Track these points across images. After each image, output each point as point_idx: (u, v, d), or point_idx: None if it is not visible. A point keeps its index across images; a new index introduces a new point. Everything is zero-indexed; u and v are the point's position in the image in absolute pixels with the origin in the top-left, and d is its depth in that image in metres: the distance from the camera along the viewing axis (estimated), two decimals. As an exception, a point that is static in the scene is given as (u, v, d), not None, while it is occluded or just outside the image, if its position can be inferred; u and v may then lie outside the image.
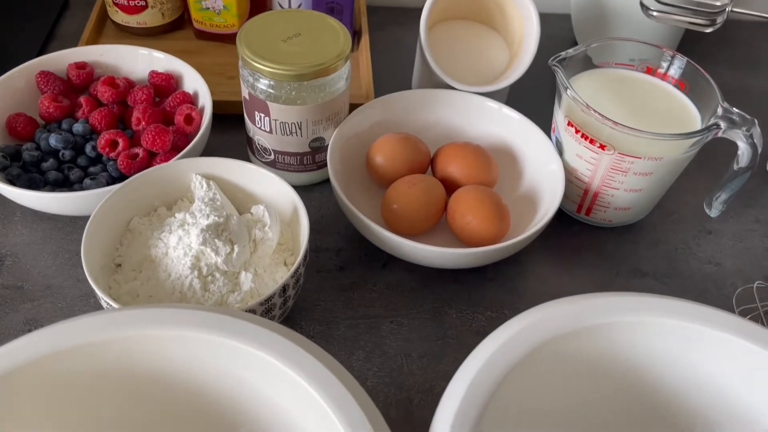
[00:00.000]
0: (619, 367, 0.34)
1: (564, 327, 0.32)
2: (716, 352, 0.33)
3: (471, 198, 0.46)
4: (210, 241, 0.38)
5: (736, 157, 0.46)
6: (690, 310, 0.33)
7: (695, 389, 0.35)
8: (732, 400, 0.34)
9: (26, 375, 0.29)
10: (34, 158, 0.48)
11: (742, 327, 0.33)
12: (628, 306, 0.33)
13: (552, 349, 0.32)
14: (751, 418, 0.34)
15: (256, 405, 0.32)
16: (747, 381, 0.34)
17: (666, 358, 0.34)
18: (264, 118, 0.47)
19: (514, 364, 0.30)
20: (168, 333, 0.30)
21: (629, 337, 0.33)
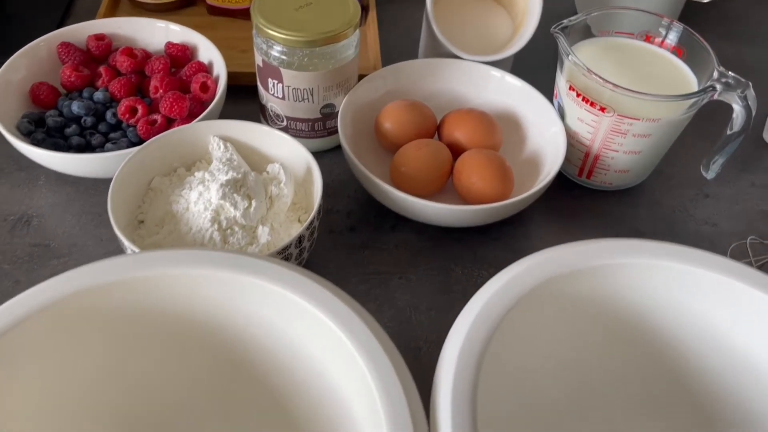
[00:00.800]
0: (615, 308, 0.36)
1: (562, 268, 0.34)
2: (710, 292, 0.35)
3: (476, 160, 0.48)
4: (229, 195, 0.40)
5: (731, 121, 0.47)
6: (684, 252, 0.35)
7: (688, 329, 0.37)
8: (724, 340, 0.36)
9: (60, 310, 0.31)
10: (58, 124, 0.50)
11: (734, 268, 0.35)
12: (623, 249, 0.35)
13: (551, 289, 0.34)
14: (742, 357, 0.36)
15: (272, 341, 0.34)
16: (739, 320, 0.36)
17: (660, 299, 0.36)
18: (277, 84, 0.49)
19: (516, 302, 0.32)
20: (192, 272, 0.32)
21: (624, 278, 0.35)
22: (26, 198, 0.50)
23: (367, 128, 0.53)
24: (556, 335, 0.36)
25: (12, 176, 0.51)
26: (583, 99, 0.47)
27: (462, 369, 0.30)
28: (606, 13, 0.51)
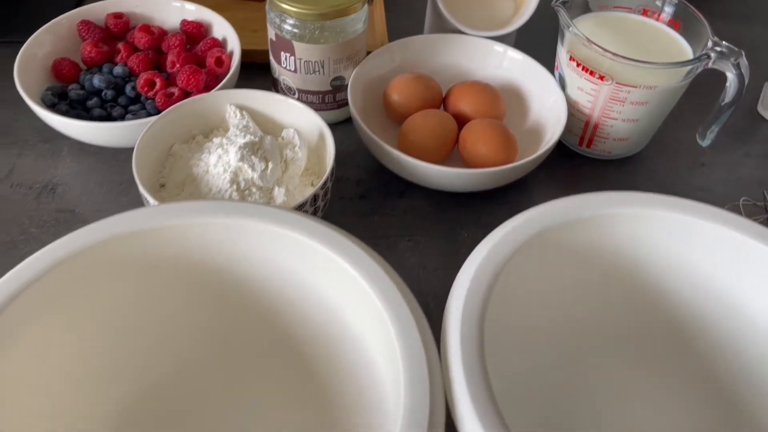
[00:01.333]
0: (613, 258, 0.38)
1: (558, 219, 0.36)
2: (703, 241, 0.37)
3: (481, 128, 0.50)
4: (247, 157, 0.42)
5: (724, 89, 0.50)
6: (676, 202, 0.37)
7: (685, 279, 0.39)
8: (719, 289, 0.38)
9: (92, 257, 0.33)
10: (80, 97, 0.52)
11: (730, 219, 0.37)
12: (618, 200, 0.37)
13: (549, 239, 0.36)
14: (737, 306, 0.38)
15: (291, 288, 0.36)
16: (734, 269, 0.37)
17: (656, 249, 0.38)
18: (289, 57, 0.51)
19: (516, 249, 0.34)
20: (212, 220, 0.34)
21: (620, 228, 0.37)
22: (51, 168, 0.52)
23: (376, 102, 0.55)
24: (556, 284, 0.38)
25: (36, 147, 0.53)
26: (583, 68, 0.49)
27: (469, 305, 0.32)
28: (605, -13, 0.53)
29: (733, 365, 0.39)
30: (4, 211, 0.49)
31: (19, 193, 0.50)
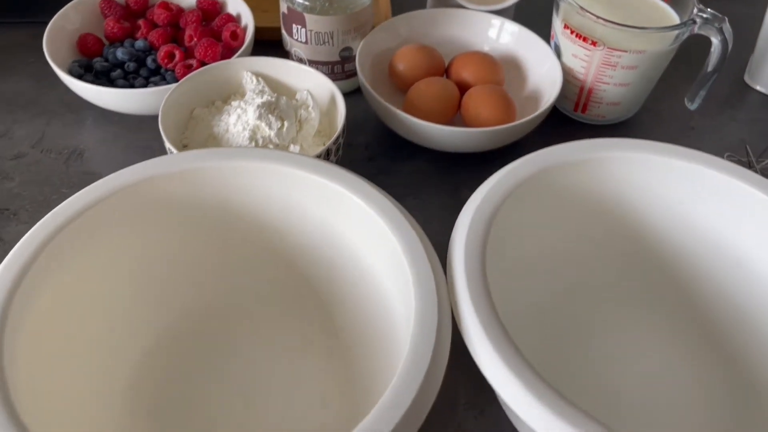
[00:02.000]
0: (608, 201, 0.41)
1: (554, 161, 0.39)
2: (695, 185, 0.40)
3: (482, 93, 0.54)
4: (264, 116, 0.46)
5: (710, 55, 0.53)
6: (667, 148, 0.40)
7: (678, 223, 0.41)
8: (717, 237, 0.41)
9: (127, 196, 0.37)
10: (105, 68, 0.55)
11: (728, 167, 0.39)
12: (611, 144, 0.40)
13: (545, 180, 0.39)
14: (735, 254, 0.41)
15: (309, 228, 0.40)
16: (725, 213, 0.40)
17: (649, 192, 0.41)
18: (300, 29, 0.55)
19: (514, 188, 0.37)
20: (239, 164, 0.37)
21: (614, 171, 0.40)
22: (77, 135, 0.55)
23: (382, 73, 0.58)
24: (553, 225, 0.41)
25: (63, 117, 0.57)
26: (577, 35, 0.53)
27: (471, 238, 0.35)
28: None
29: (723, 306, 0.42)
30: (37, 173, 0.52)
31: (50, 158, 0.53)
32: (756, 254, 0.40)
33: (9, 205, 0.50)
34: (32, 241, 0.33)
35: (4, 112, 0.57)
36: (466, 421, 0.40)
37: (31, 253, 0.33)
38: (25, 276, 0.32)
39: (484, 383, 0.40)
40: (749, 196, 0.39)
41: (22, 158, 0.53)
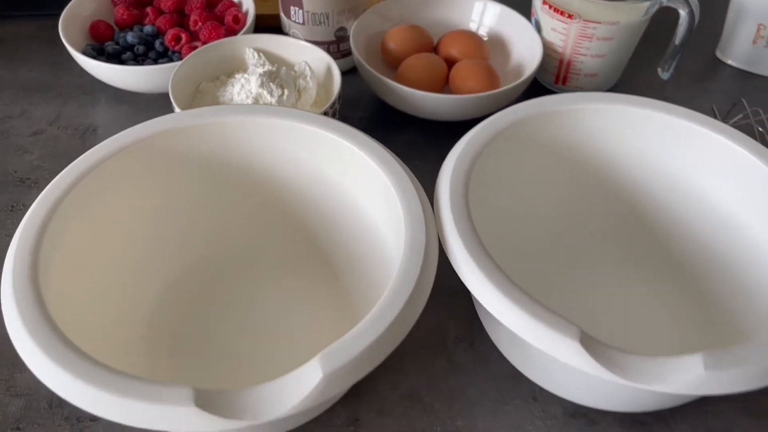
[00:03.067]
0: (587, 152, 0.45)
1: (532, 111, 0.43)
2: (672, 136, 0.43)
3: (468, 66, 0.58)
4: (266, 84, 0.50)
5: (678, 26, 0.57)
6: (645, 101, 0.43)
7: (655, 174, 0.45)
8: (685, 183, 0.44)
9: (142, 149, 0.40)
10: (116, 51, 0.59)
11: (699, 117, 0.43)
12: (589, 97, 0.44)
13: (523, 129, 0.42)
14: (701, 197, 0.44)
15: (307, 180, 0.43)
16: (700, 164, 0.43)
17: (626, 143, 0.44)
18: (298, 11, 0.59)
19: (492, 138, 0.41)
20: (247, 118, 0.41)
21: (592, 122, 0.44)
22: (91, 114, 0.59)
23: (375, 53, 0.62)
24: (533, 174, 0.45)
25: (78, 99, 0.61)
26: (555, 10, 0.57)
27: (455, 178, 0.39)
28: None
29: (692, 246, 0.45)
30: (56, 148, 0.56)
31: (67, 134, 0.57)
32: (721, 197, 0.43)
33: (30, 175, 0.53)
34: (63, 180, 0.37)
35: (21, 96, 0.61)
36: (457, 353, 0.43)
37: (62, 191, 0.36)
38: (57, 210, 0.35)
39: (473, 320, 0.44)
40: (719, 144, 0.42)
41: (40, 135, 0.57)
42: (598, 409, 0.40)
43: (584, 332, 0.31)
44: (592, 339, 0.31)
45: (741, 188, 0.42)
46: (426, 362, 0.43)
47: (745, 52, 0.66)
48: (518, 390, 0.41)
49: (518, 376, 0.42)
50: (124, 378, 0.28)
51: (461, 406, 0.41)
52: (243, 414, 0.28)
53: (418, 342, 0.44)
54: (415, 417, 0.40)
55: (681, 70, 0.66)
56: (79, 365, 0.29)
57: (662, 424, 0.40)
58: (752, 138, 0.42)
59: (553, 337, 0.31)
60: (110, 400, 0.28)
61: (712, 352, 0.30)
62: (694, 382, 0.30)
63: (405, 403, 0.41)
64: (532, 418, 0.40)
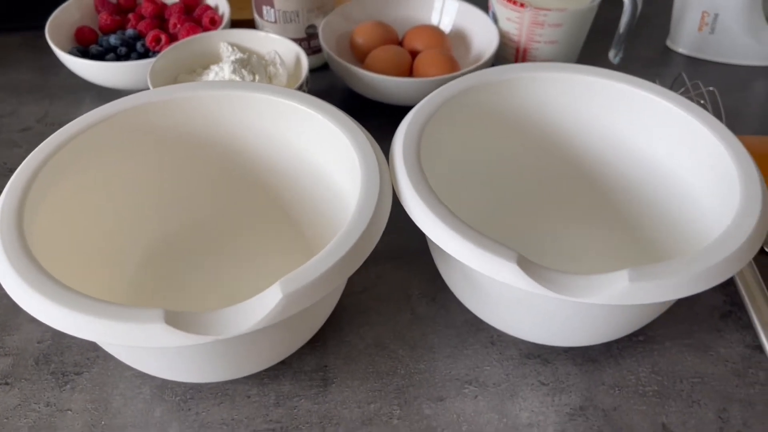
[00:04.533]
0: (531, 118, 0.48)
1: (477, 81, 0.46)
2: (609, 99, 0.46)
3: (430, 55, 0.61)
4: (238, 70, 0.53)
5: (622, 13, 0.61)
6: (587, 68, 0.47)
7: (596, 136, 0.48)
8: (628, 145, 0.47)
9: (110, 125, 0.43)
10: (99, 52, 0.63)
11: (636, 81, 0.46)
12: (532, 67, 0.47)
13: (469, 98, 0.45)
14: (644, 160, 0.47)
15: (276, 150, 0.47)
16: (637, 122, 0.46)
17: (569, 108, 0.47)
18: (270, 10, 0.63)
19: (439, 106, 0.44)
20: (217, 92, 0.45)
21: (535, 90, 0.47)
22: (77, 112, 0.63)
23: (344, 50, 0.66)
24: (481, 139, 0.48)
25: (64, 98, 0.64)
26: (508, 0, 0.61)
27: (407, 146, 0.42)
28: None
29: (628, 193, 0.48)
30: (42, 140, 0.59)
31: (53, 130, 0.60)
32: (657, 152, 0.46)
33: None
34: (45, 148, 0.40)
35: (11, 97, 0.65)
36: (419, 306, 0.46)
37: (44, 157, 0.39)
38: (40, 173, 0.38)
39: (436, 279, 0.47)
40: (656, 105, 0.45)
41: (29, 131, 0.61)
42: (552, 348, 0.43)
43: (521, 255, 0.34)
44: (528, 261, 0.34)
45: (664, 137, 0.45)
46: (391, 315, 0.46)
47: (693, 39, 0.70)
48: (477, 336, 0.44)
49: (477, 324, 0.45)
50: (102, 303, 0.31)
51: (423, 352, 0.43)
52: (208, 330, 0.31)
53: (384, 298, 0.47)
54: (380, 362, 0.43)
55: (634, 58, 0.71)
56: (60, 293, 0.32)
57: (612, 361, 0.43)
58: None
59: (493, 261, 0.34)
60: (90, 321, 0.31)
61: (636, 268, 0.33)
62: (620, 293, 0.33)
63: (370, 350, 0.43)
64: (489, 359, 0.43)
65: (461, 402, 0.41)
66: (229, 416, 0.40)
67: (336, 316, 0.45)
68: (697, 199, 0.43)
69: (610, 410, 0.40)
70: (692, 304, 0.46)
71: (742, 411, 0.40)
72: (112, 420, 0.40)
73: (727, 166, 0.40)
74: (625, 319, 0.38)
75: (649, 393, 0.41)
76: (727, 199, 0.39)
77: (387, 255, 0.49)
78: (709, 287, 0.34)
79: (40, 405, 0.40)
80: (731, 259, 0.34)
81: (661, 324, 0.45)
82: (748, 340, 0.44)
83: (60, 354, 0.43)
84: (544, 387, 0.42)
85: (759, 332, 0.44)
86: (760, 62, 0.70)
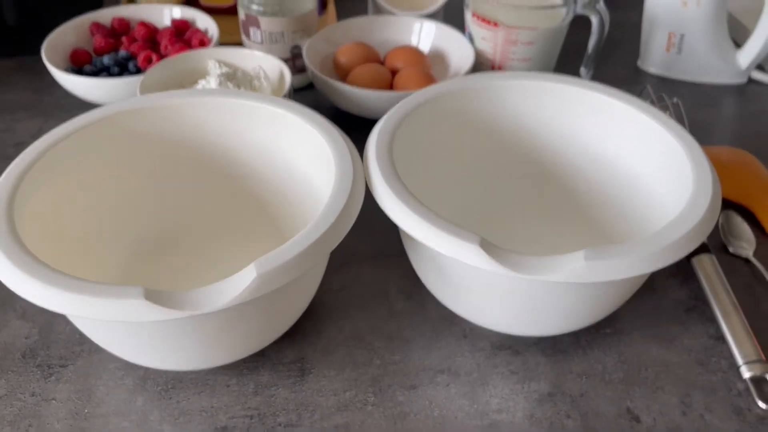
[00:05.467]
0: (505, 124, 0.51)
1: (452, 87, 0.49)
2: (581, 107, 0.49)
3: (409, 72, 0.64)
4: (224, 83, 0.56)
5: (591, 32, 0.64)
6: (546, 75, 0.50)
7: (555, 135, 0.51)
8: (592, 148, 0.50)
9: (98, 130, 0.46)
10: (93, 71, 0.66)
11: (605, 89, 0.49)
12: (504, 76, 0.50)
13: (445, 103, 0.48)
14: (607, 160, 0.50)
15: (257, 150, 0.49)
16: (606, 129, 0.49)
17: (540, 116, 0.50)
18: (256, 31, 0.66)
19: (411, 111, 0.46)
20: (203, 99, 0.47)
21: (508, 97, 0.49)
22: (70, 127, 0.65)
23: (329, 70, 0.69)
24: (454, 141, 0.50)
25: (58, 116, 0.67)
26: (482, 20, 0.64)
27: (381, 143, 0.44)
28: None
29: (590, 190, 0.51)
30: (35, 153, 0.61)
31: (46, 143, 0.63)
32: (619, 152, 0.49)
33: (12, 176, 0.59)
34: (33, 150, 0.42)
35: (6, 114, 0.67)
36: (396, 303, 0.48)
37: (32, 159, 0.42)
38: (28, 173, 0.41)
39: (412, 278, 0.49)
40: (616, 107, 0.48)
41: (23, 145, 0.63)
42: (522, 340, 0.45)
43: (483, 238, 0.36)
44: (490, 243, 0.36)
45: (624, 137, 0.47)
46: (369, 311, 0.47)
47: (661, 59, 0.73)
48: (451, 330, 0.46)
49: (451, 318, 0.46)
50: (85, 281, 0.33)
51: (399, 344, 0.45)
52: (185, 306, 0.33)
53: (363, 296, 0.48)
54: (357, 354, 0.44)
55: (606, 77, 0.74)
56: (44, 272, 0.33)
57: (580, 351, 0.44)
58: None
59: (456, 244, 0.36)
60: (76, 298, 0.32)
61: (592, 248, 0.35)
62: (577, 272, 0.35)
63: (348, 342, 0.45)
64: (462, 351, 0.44)
65: (433, 390, 0.42)
66: (209, 404, 0.41)
67: (315, 311, 0.47)
68: (655, 193, 0.45)
69: (578, 396, 0.42)
70: (658, 298, 0.48)
71: (705, 396, 0.42)
72: (95, 408, 0.41)
73: (681, 160, 0.42)
74: (588, 303, 0.40)
75: (615, 380, 0.43)
76: (683, 192, 0.41)
77: (366, 255, 0.51)
78: (661, 266, 0.35)
79: (25, 395, 0.42)
80: (681, 241, 0.36)
81: (628, 317, 0.47)
82: (711, 332, 0.46)
83: (46, 348, 0.44)
84: (514, 376, 0.43)
85: (721, 323, 0.45)
86: (728, 80, 0.73)
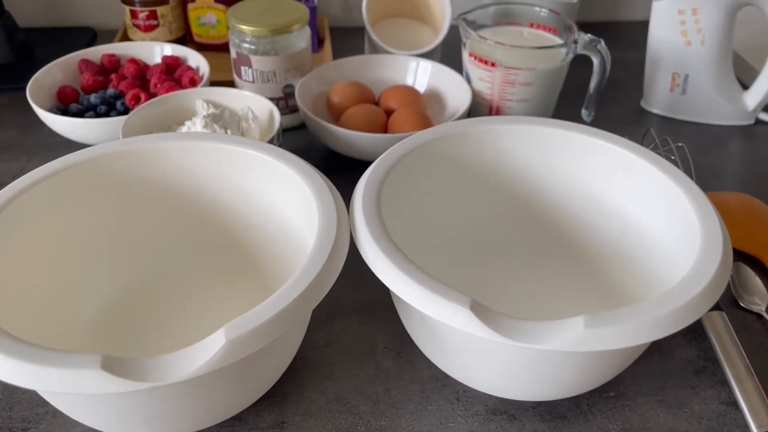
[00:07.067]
0: (496, 167, 0.48)
1: (440, 133, 0.46)
2: (569, 149, 0.46)
3: (404, 113, 0.62)
4: (210, 125, 0.54)
5: (593, 72, 0.62)
6: (533, 119, 0.47)
7: (555, 183, 0.49)
8: (593, 196, 0.47)
9: (82, 170, 0.43)
10: (79, 110, 0.64)
11: (590, 130, 0.47)
12: (494, 120, 0.48)
13: (434, 148, 0.46)
14: (609, 209, 0.47)
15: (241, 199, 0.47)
16: (597, 171, 0.46)
17: (533, 158, 0.47)
18: (248, 70, 0.64)
19: (401, 158, 0.44)
20: (185, 143, 0.45)
21: (500, 142, 0.47)
22: (53, 167, 0.63)
23: (322, 109, 0.67)
24: (445, 188, 0.47)
25: (42, 155, 0.65)
26: (480, 60, 0.62)
27: (368, 195, 0.41)
28: (499, 7, 0.67)
29: (592, 242, 0.48)
30: (15, 194, 0.59)
31: (27, 184, 0.61)
32: (621, 201, 0.46)
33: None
34: (3, 195, 0.40)
35: (-10, 154, 0.65)
36: (384, 360, 0.45)
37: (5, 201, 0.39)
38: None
39: (401, 334, 0.46)
40: (618, 154, 0.45)
41: (2, 186, 0.61)
42: (519, 404, 0.42)
43: (475, 301, 0.33)
44: (482, 306, 0.33)
45: (627, 186, 0.45)
46: (354, 370, 0.44)
47: (665, 99, 0.71)
48: (442, 392, 0.43)
49: (443, 379, 0.43)
50: (40, 349, 0.30)
51: (386, 408, 0.42)
52: (146, 376, 0.30)
53: (348, 353, 0.45)
54: (341, 418, 0.41)
55: (609, 118, 0.72)
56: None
57: (581, 417, 0.41)
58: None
59: (446, 307, 0.33)
60: (28, 369, 0.30)
61: (591, 314, 0.32)
62: (575, 340, 0.32)
63: (331, 405, 0.42)
64: (454, 416, 0.41)
65: (422, 460, 0.39)
66: (179, 474, 0.38)
67: (297, 370, 0.44)
68: (660, 244, 0.42)
69: (579, 469, 0.39)
70: (665, 359, 0.45)
71: (717, 470, 0.38)
72: (56, 478, 0.38)
73: (687, 213, 0.40)
74: (589, 369, 0.37)
75: (620, 451, 0.39)
76: (690, 249, 0.38)
77: (353, 309, 0.48)
78: (667, 334, 0.33)
79: (-18, 462, 0.39)
80: (689, 306, 0.33)
81: (632, 379, 0.43)
82: (723, 397, 0.43)
83: (9, 409, 0.42)
84: (510, 444, 0.40)
85: (734, 388, 0.42)
86: (734, 122, 0.71)
